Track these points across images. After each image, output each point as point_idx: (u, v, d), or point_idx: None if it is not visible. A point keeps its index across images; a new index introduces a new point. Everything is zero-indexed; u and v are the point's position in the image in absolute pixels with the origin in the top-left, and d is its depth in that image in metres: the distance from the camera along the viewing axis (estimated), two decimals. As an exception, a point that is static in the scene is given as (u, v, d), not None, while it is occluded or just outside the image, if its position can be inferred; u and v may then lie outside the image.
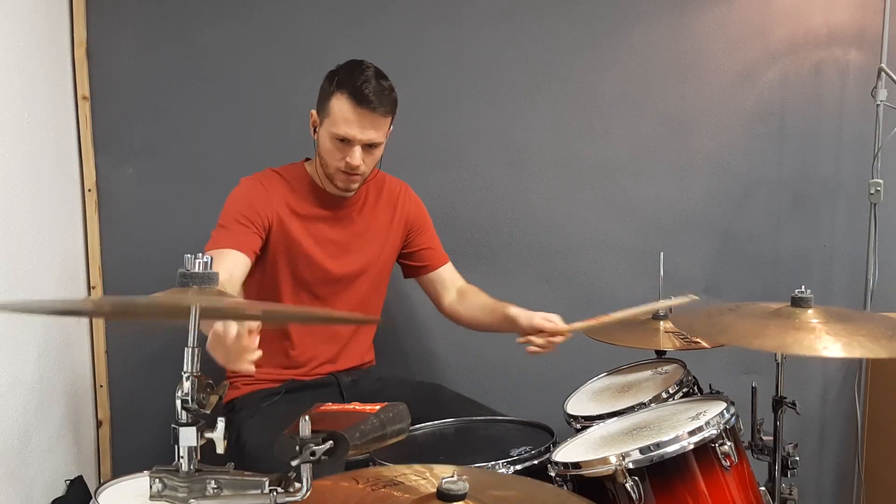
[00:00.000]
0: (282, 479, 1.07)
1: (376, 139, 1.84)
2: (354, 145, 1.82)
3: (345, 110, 1.80)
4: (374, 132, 1.82)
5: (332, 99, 1.81)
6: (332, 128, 1.82)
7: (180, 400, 1.06)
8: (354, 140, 1.81)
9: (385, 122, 1.85)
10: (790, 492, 1.67)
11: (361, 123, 1.80)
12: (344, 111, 1.80)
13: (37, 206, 1.94)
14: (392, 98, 1.85)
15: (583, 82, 2.37)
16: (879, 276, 2.30)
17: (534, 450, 1.58)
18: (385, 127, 1.86)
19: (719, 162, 2.40)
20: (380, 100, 1.80)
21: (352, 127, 1.80)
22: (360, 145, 1.82)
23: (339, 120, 1.80)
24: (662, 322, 1.97)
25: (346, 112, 1.80)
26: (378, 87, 1.81)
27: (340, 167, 1.85)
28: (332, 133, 1.82)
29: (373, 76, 1.81)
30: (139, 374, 2.30)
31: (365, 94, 1.78)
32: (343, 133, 1.81)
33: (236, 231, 1.82)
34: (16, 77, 1.85)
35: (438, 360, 2.43)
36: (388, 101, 1.83)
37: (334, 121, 1.81)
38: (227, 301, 1.09)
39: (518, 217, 2.39)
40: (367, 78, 1.80)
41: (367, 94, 1.78)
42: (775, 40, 2.37)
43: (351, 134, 1.80)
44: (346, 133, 1.80)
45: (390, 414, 1.17)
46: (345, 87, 1.80)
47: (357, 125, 1.80)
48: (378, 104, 1.80)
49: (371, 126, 1.81)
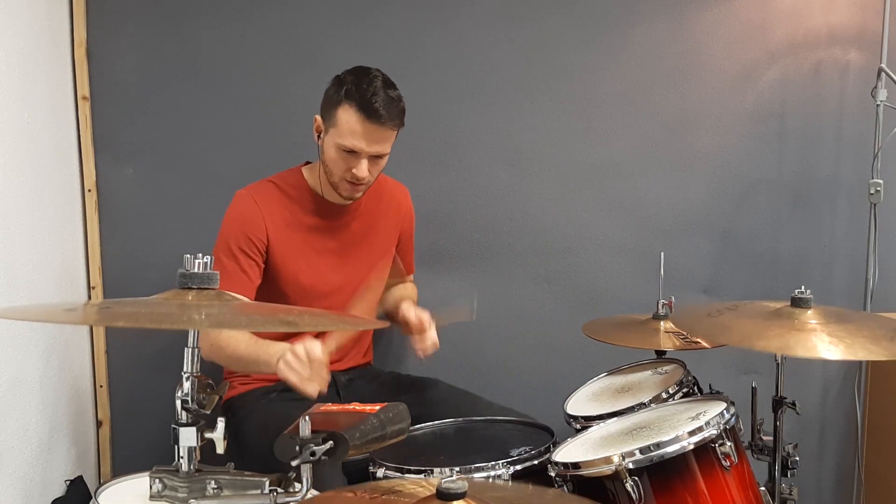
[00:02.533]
0: (282, 479, 1.07)
1: (383, 151, 1.82)
2: (361, 157, 1.79)
3: (353, 123, 1.76)
4: (381, 146, 1.80)
5: (339, 109, 1.77)
6: (339, 139, 1.78)
7: (180, 400, 1.06)
8: (362, 153, 1.78)
9: (393, 134, 1.82)
10: (790, 492, 1.67)
11: (369, 137, 1.77)
12: (352, 123, 1.76)
13: (36, 206, 1.93)
14: (400, 109, 1.81)
15: (582, 82, 2.37)
16: (879, 276, 2.30)
17: (534, 450, 1.58)
18: (392, 139, 1.84)
19: (719, 162, 2.40)
20: (389, 113, 1.76)
21: (359, 140, 1.77)
22: (367, 157, 1.80)
23: (346, 132, 1.77)
24: (662, 322, 1.96)
25: (353, 125, 1.76)
26: (387, 100, 1.76)
27: (346, 178, 1.83)
28: (338, 144, 1.79)
29: (381, 87, 1.76)
30: (139, 374, 2.30)
31: (375, 108, 1.74)
32: (350, 146, 1.77)
33: (232, 271, 1.82)
34: (16, 77, 1.85)
35: (437, 360, 2.40)
36: (397, 113, 1.79)
37: (341, 132, 1.77)
38: (234, 305, 1.09)
39: (518, 217, 2.39)
40: (375, 90, 1.75)
41: (377, 108, 1.74)
42: (775, 40, 2.37)
43: (359, 147, 1.77)
44: (354, 146, 1.77)
45: (390, 414, 1.17)
46: (353, 98, 1.75)
47: (364, 138, 1.77)
48: (387, 118, 1.76)
49: (379, 140, 1.78)
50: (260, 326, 1.48)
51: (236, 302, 1.09)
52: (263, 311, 1.26)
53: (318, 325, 1.48)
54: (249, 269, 1.85)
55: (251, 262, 1.85)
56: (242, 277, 1.84)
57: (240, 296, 1.79)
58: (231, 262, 1.84)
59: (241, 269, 1.84)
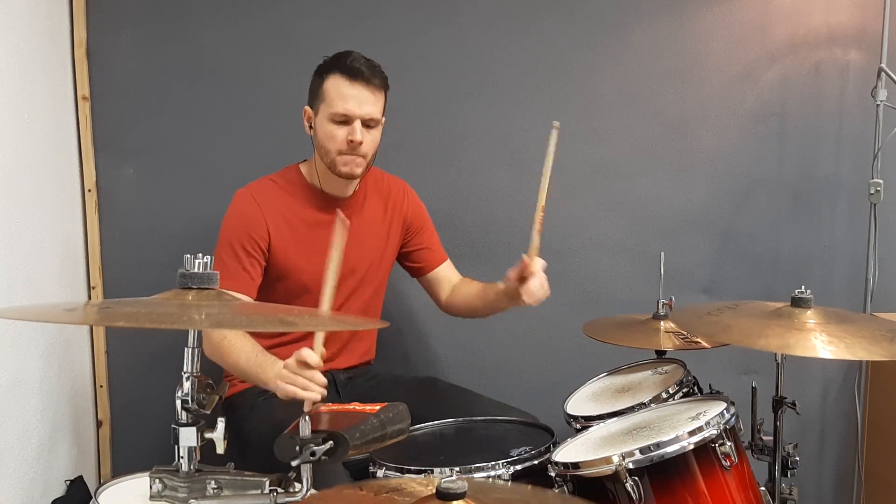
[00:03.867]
0: (282, 479, 1.07)
1: (374, 114, 1.85)
2: (354, 121, 1.83)
3: (340, 86, 1.82)
4: (370, 106, 1.84)
5: (325, 83, 1.84)
6: (330, 108, 1.83)
7: (180, 400, 1.06)
8: (353, 115, 1.82)
9: (380, 96, 1.87)
10: (790, 492, 1.67)
11: (358, 98, 1.82)
12: (339, 88, 1.82)
13: (37, 206, 1.94)
14: (383, 73, 1.87)
15: (582, 82, 2.37)
16: (879, 276, 2.30)
17: (534, 450, 1.58)
18: (381, 102, 1.88)
19: (719, 162, 2.40)
20: (372, 71, 1.83)
21: (349, 102, 1.82)
22: (360, 121, 1.83)
23: (336, 98, 1.82)
24: (662, 322, 1.97)
25: (341, 88, 1.82)
26: (367, 62, 1.85)
27: (343, 148, 1.84)
28: (330, 114, 1.83)
29: (360, 56, 1.85)
30: (139, 374, 2.30)
31: (357, 68, 1.82)
32: (342, 109, 1.82)
33: (234, 270, 1.84)
34: (16, 77, 1.85)
35: (438, 360, 2.43)
36: (380, 73, 1.86)
37: (331, 101, 1.83)
38: (234, 305, 1.09)
39: (518, 217, 2.39)
40: (355, 57, 1.84)
41: (359, 67, 1.82)
42: (775, 40, 2.37)
43: (349, 109, 1.82)
44: (345, 108, 1.82)
45: (390, 414, 1.17)
46: (335, 67, 1.84)
47: (354, 100, 1.82)
48: (371, 75, 1.83)
49: (367, 100, 1.83)
50: (260, 326, 1.48)
51: (236, 302, 1.09)
52: (263, 311, 1.26)
53: (319, 325, 1.48)
54: (251, 268, 1.86)
55: (253, 261, 1.87)
56: (244, 276, 1.85)
57: (241, 295, 1.80)
58: (233, 261, 1.85)
59: (244, 267, 1.86)
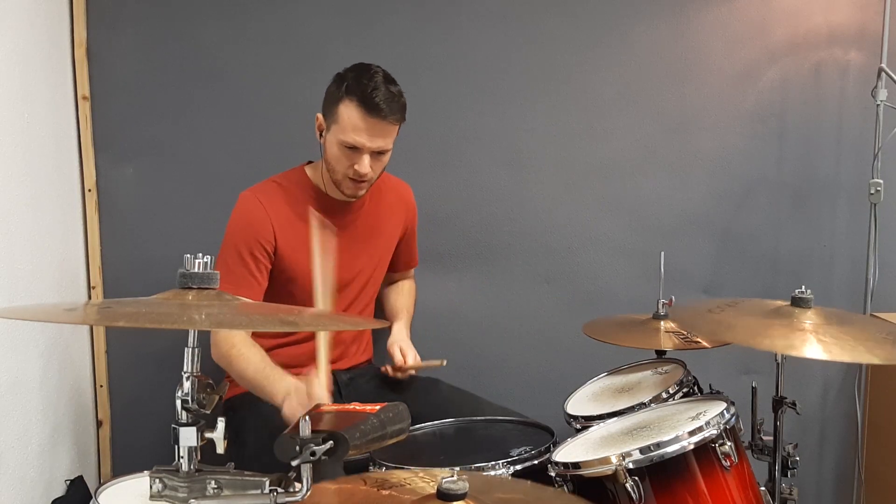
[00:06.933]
0: (282, 479, 1.07)
1: (385, 147, 1.83)
2: (363, 153, 1.80)
3: (354, 118, 1.77)
4: (383, 140, 1.81)
5: (341, 105, 1.78)
6: (341, 135, 1.79)
7: (180, 400, 1.06)
8: (364, 148, 1.79)
9: (394, 129, 1.83)
10: (790, 492, 1.67)
11: (371, 132, 1.78)
12: (353, 119, 1.77)
13: (37, 207, 1.93)
14: (401, 104, 1.82)
15: (583, 83, 2.37)
16: (879, 276, 2.30)
17: (534, 450, 1.58)
18: (394, 134, 1.84)
19: (719, 162, 2.40)
20: (390, 108, 1.77)
21: (361, 135, 1.78)
22: (369, 153, 1.80)
23: (348, 127, 1.78)
24: (663, 322, 1.96)
25: (355, 120, 1.77)
26: (388, 95, 1.77)
27: (348, 174, 1.83)
28: (340, 140, 1.80)
29: (382, 82, 1.78)
30: (139, 374, 2.30)
31: (375, 103, 1.75)
32: (352, 141, 1.78)
33: (242, 276, 1.84)
34: (16, 77, 1.85)
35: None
36: (398, 107, 1.81)
37: (343, 128, 1.79)
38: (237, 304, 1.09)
39: (518, 217, 2.39)
40: (376, 84, 1.77)
41: (378, 103, 1.75)
42: (775, 40, 2.37)
43: (360, 142, 1.78)
44: (356, 141, 1.78)
45: (390, 414, 1.17)
46: (354, 93, 1.77)
47: (366, 133, 1.78)
48: (388, 112, 1.77)
49: (380, 134, 1.79)
50: (260, 326, 1.48)
51: (236, 302, 1.09)
52: (263, 311, 1.26)
53: (318, 325, 1.48)
54: (258, 273, 1.86)
55: (260, 266, 1.86)
56: (252, 282, 1.85)
57: (248, 300, 1.80)
58: (240, 267, 1.84)
59: (251, 273, 1.85)
